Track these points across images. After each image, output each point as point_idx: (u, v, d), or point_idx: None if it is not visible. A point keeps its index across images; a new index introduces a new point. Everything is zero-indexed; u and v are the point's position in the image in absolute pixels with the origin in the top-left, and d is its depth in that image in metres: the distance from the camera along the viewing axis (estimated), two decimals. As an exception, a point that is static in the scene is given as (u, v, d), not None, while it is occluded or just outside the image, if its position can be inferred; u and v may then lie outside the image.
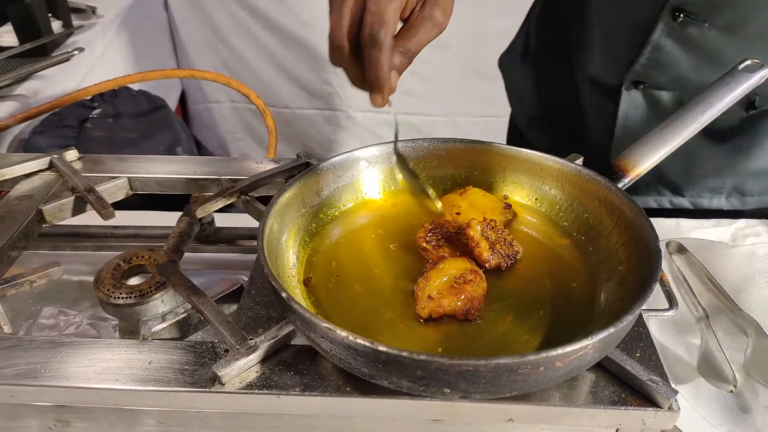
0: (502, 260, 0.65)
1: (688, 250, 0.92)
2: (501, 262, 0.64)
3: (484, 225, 0.65)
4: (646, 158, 0.68)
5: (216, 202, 0.73)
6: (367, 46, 0.56)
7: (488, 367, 0.46)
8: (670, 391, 0.51)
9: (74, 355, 0.56)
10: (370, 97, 0.59)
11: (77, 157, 0.86)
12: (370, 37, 0.55)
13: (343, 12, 0.56)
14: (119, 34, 1.89)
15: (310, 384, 0.53)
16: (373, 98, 0.59)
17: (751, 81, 0.69)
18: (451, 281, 0.60)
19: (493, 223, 0.67)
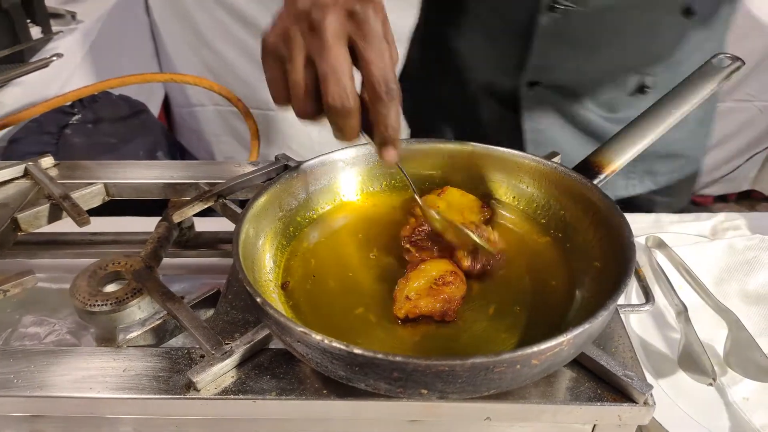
0: (487, 260, 0.64)
1: (668, 244, 0.93)
2: (486, 263, 0.64)
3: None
4: (621, 154, 0.69)
5: (193, 206, 0.73)
6: (383, 103, 0.54)
7: (464, 367, 0.46)
8: (645, 386, 0.51)
9: (48, 364, 0.55)
10: (383, 153, 0.57)
11: (53, 164, 0.85)
12: (387, 93, 0.53)
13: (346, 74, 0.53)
14: (100, 39, 1.87)
15: (287, 388, 0.53)
16: (388, 153, 0.57)
17: (724, 74, 0.69)
18: (430, 282, 0.60)
19: (472, 226, 0.66)
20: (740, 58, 0.71)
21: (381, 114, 0.54)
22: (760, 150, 2.53)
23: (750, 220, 1.04)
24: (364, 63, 0.53)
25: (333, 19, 0.52)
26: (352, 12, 0.52)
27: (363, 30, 0.52)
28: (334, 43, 0.52)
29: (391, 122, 0.55)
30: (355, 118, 0.55)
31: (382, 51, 0.53)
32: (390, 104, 0.54)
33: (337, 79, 0.52)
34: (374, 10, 0.52)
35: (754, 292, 0.87)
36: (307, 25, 0.53)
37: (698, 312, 0.83)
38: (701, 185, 2.67)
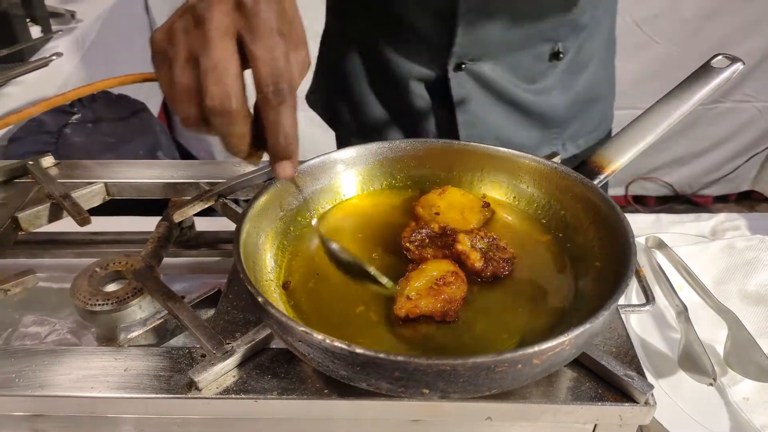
0: (500, 266, 0.64)
1: (668, 244, 0.93)
2: (498, 269, 0.64)
3: (472, 236, 0.65)
4: (621, 155, 0.69)
5: (194, 206, 0.73)
6: (271, 106, 0.48)
7: (466, 366, 0.46)
8: (646, 385, 0.51)
9: (50, 363, 0.55)
10: (276, 168, 0.51)
11: (53, 163, 0.85)
12: (275, 94, 0.47)
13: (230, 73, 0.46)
14: (99, 39, 1.87)
15: (288, 387, 0.53)
16: (282, 168, 0.51)
17: (723, 76, 0.69)
18: (431, 282, 0.60)
19: (482, 233, 0.66)
20: (739, 59, 0.71)
21: (270, 120, 0.48)
22: (759, 150, 2.53)
23: (750, 221, 1.04)
24: (251, 60, 0.47)
25: (218, 11, 0.46)
26: (240, 3, 0.46)
27: (252, 23, 0.46)
28: (217, 38, 0.46)
29: (283, 130, 0.49)
30: (241, 123, 0.48)
31: (272, 46, 0.46)
32: (280, 108, 0.48)
33: (218, 78, 0.46)
34: (266, 2, 0.47)
35: (754, 292, 0.88)
36: (192, 19, 0.47)
37: (698, 312, 0.83)
38: (701, 185, 2.68)
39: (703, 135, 2.52)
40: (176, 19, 0.48)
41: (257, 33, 0.46)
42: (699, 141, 2.54)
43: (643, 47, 2.32)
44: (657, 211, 2.15)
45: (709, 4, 2.21)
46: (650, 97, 0.75)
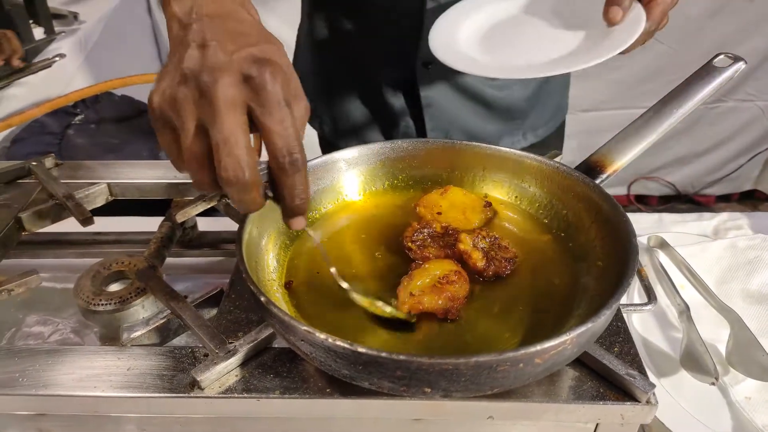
0: (502, 266, 0.64)
1: (670, 244, 0.93)
2: (500, 269, 0.64)
3: (474, 236, 0.66)
4: (623, 154, 0.69)
5: (196, 206, 0.73)
6: (287, 174, 0.49)
7: (468, 365, 0.46)
8: (648, 385, 0.51)
9: (53, 363, 0.56)
10: (290, 223, 0.53)
11: (56, 164, 0.85)
12: (291, 164, 0.49)
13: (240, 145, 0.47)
14: (102, 40, 1.88)
15: (290, 386, 0.53)
16: (296, 222, 0.53)
17: (725, 75, 0.69)
18: (434, 281, 0.60)
19: (484, 232, 0.67)
20: (741, 58, 0.71)
21: (286, 185, 0.50)
22: (762, 150, 2.53)
23: (752, 220, 1.04)
24: (263, 133, 0.48)
25: (226, 84, 0.46)
26: (248, 77, 0.47)
27: (260, 97, 0.47)
28: (227, 112, 0.46)
29: (297, 192, 0.51)
30: (254, 191, 0.49)
31: (282, 119, 0.48)
32: (295, 176, 0.50)
33: (230, 151, 0.47)
34: (272, 73, 0.47)
35: (757, 291, 0.88)
36: (196, 89, 0.47)
37: (700, 311, 0.83)
38: (703, 185, 2.67)
39: (706, 134, 2.52)
40: (176, 86, 0.48)
41: (267, 107, 0.47)
42: (701, 140, 2.54)
43: (645, 46, 2.29)
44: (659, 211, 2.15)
45: (711, 4, 2.21)
46: (652, 96, 0.75)
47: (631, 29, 0.76)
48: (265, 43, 0.50)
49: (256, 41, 0.49)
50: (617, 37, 0.76)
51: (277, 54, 0.50)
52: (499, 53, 0.84)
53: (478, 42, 0.87)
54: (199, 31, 0.49)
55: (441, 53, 0.82)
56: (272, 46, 0.50)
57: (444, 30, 0.88)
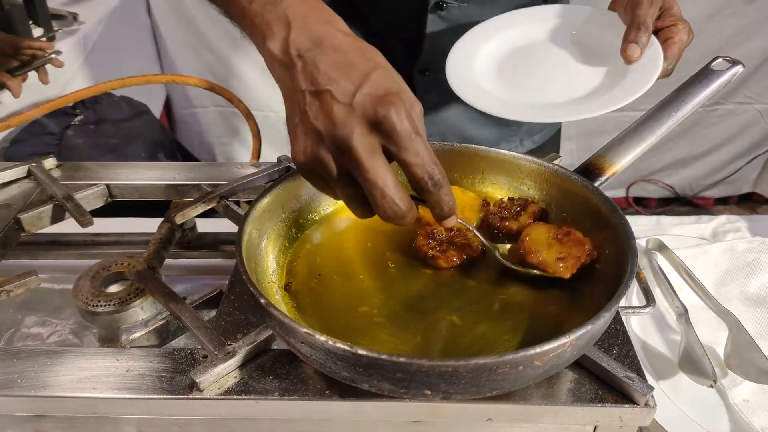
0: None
1: (668, 246, 0.93)
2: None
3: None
4: (622, 156, 0.69)
5: (196, 207, 0.73)
6: (432, 193, 0.53)
7: (468, 368, 0.46)
8: (646, 387, 0.51)
9: (52, 364, 0.56)
10: (442, 224, 0.57)
11: (56, 165, 0.85)
12: (435, 185, 0.53)
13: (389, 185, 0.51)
14: (101, 41, 1.88)
15: (290, 388, 0.53)
16: (448, 223, 0.57)
17: (723, 78, 0.69)
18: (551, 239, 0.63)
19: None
20: (739, 61, 0.71)
21: (434, 201, 0.54)
22: (761, 152, 2.53)
23: (751, 223, 1.05)
24: (403, 167, 0.52)
25: (359, 136, 0.50)
26: (376, 123, 0.50)
27: (393, 139, 0.50)
28: (368, 159, 0.50)
29: (445, 203, 0.55)
30: (411, 215, 0.54)
31: (417, 150, 0.51)
32: (440, 192, 0.54)
33: (383, 194, 0.51)
34: (396, 110, 0.49)
35: (755, 294, 0.88)
36: (334, 147, 0.51)
37: (699, 314, 0.83)
38: (702, 187, 2.68)
39: (704, 137, 2.52)
40: (314, 146, 0.52)
41: (401, 145, 0.50)
42: (700, 143, 2.54)
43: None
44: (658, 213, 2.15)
45: (710, 6, 2.21)
46: (651, 99, 0.75)
47: (649, 68, 0.77)
48: (373, 70, 0.51)
49: (366, 72, 0.51)
50: (636, 78, 0.77)
51: (385, 77, 0.52)
52: (517, 87, 0.84)
53: (496, 72, 0.86)
54: (304, 71, 0.52)
55: (462, 90, 0.82)
56: (379, 71, 0.52)
57: (460, 62, 0.87)
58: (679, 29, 0.80)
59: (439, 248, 0.66)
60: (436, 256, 0.65)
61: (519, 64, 0.87)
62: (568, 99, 0.79)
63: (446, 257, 0.65)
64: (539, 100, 0.81)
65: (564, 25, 0.90)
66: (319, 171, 0.53)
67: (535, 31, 0.91)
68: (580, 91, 0.80)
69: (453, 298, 0.62)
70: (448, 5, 0.96)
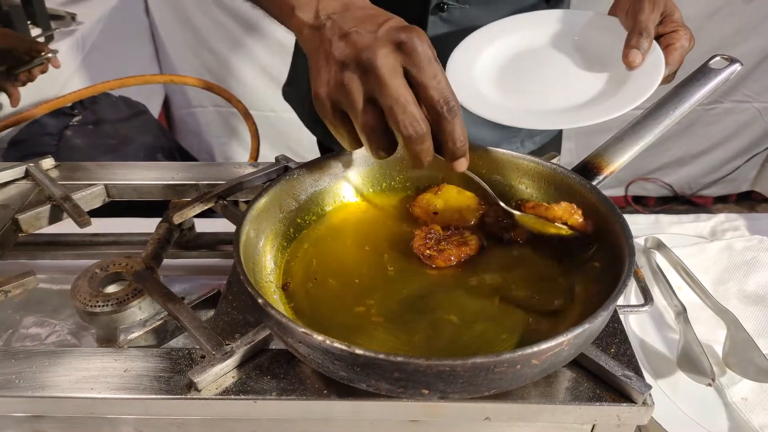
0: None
1: (667, 245, 0.93)
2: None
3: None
4: (620, 155, 0.69)
5: (194, 207, 0.73)
6: (447, 121, 0.56)
7: (465, 367, 0.46)
8: (644, 386, 0.51)
9: (50, 364, 0.56)
10: (453, 165, 0.59)
11: (54, 165, 0.85)
12: (449, 111, 0.55)
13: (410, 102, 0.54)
14: (100, 41, 1.88)
15: (288, 388, 0.53)
16: (459, 164, 0.59)
17: (721, 77, 0.69)
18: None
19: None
20: (737, 59, 0.71)
21: (447, 131, 0.56)
22: (759, 151, 2.53)
23: (749, 221, 1.05)
24: (421, 89, 0.55)
25: (383, 55, 0.53)
26: (400, 43, 0.53)
27: (414, 59, 0.54)
28: (391, 78, 0.53)
29: (458, 136, 0.57)
30: (429, 140, 0.56)
31: (435, 73, 0.54)
32: (454, 120, 0.56)
33: (404, 109, 0.54)
34: (419, 36, 0.54)
35: (753, 292, 0.88)
36: (358, 68, 0.54)
37: (697, 312, 0.83)
38: (701, 186, 2.68)
39: (703, 135, 2.52)
40: (338, 73, 0.55)
41: (421, 66, 0.54)
42: (699, 141, 2.54)
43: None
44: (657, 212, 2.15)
45: (709, 5, 2.21)
46: (649, 98, 0.75)
47: (651, 74, 0.77)
48: (393, 18, 0.56)
49: (388, 18, 0.56)
50: (637, 84, 0.76)
51: (404, 22, 0.56)
52: (518, 92, 0.83)
53: (496, 77, 0.86)
54: (333, 27, 0.56)
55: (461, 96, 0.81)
56: (398, 19, 0.56)
57: (460, 68, 0.86)
58: (681, 35, 0.80)
59: (437, 248, 0.66)
60: (433, 256, 0.65)
61: (520, 69, 0.87)
62: (569, 105, 0.79)
63: (444, 257, 0.65)
64: (540, 107, 0.80)
65: (565, 30, 0.90)
66: (340, 101, 0.56)
67: (536, 36, 0.90)
68: (581, 97, 0.80)
69: (451, 297, 0.62)
70: (450, 7, 0.97)
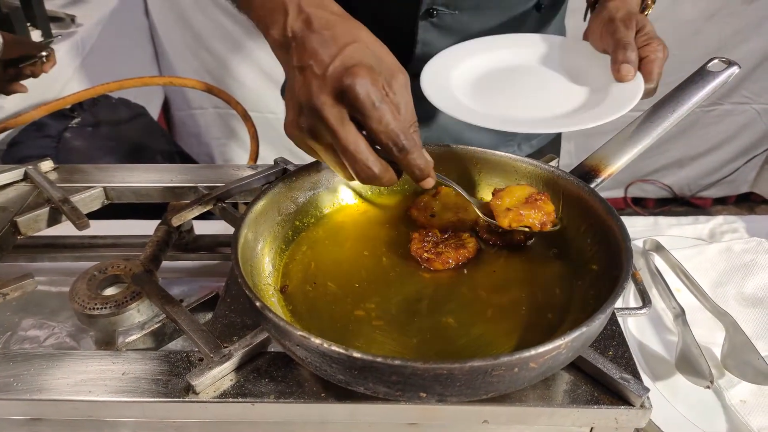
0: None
1: (665, 247, 0.93)
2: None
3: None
4: (618, 158, 0.69)
5: (192, 210, 0.73)
6: (401, 158, 0.57)
7: (463, 370, 0.46)
8: (642, 388, 0.51)
9: (48, 367, 0.56)
10: (421, 185, 0.60)
11: (52, 168, 0.85)
12: (400, 150, 0.56)
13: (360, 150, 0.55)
14: (99, 43, 1.88)
15: (286, 391, 0.53)
16: (426, 184, 0.60)
17: (719, 79, 0.69)
18: (524, 196, 0.65)
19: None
20: (735, 62, 0.71)
21: (405, 165, 0.58)
22: (759, 152, 2.53)
23: (748, 223, 1.05)
24: (371, 135, 0.55)
25: (328, 106, 0.54)
26: (342, 91, 0.53)
27: (358, 106, 0.53)
28: (339, 127, 0.54)
29: (417, 166, 0.58)
30: (386, 176, 0.58)
31: (380, 117, 0.54)
32: (408, 157, 0.56)
33: (354, 158, 0.55)
34: (360, 81, 0.53)
35: (752, 295, 0.88)
36: (311, 117, 0.55)
37: (696, 315, 0.83)
38: (700, 187, 2.68)
39: (702, 137, 2.52)
40: (297, 117, 0.57)
41: (365, 113, 0.54)
42: (698, 143, 2.54)
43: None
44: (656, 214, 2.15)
45: (708, 7, 2.21)
46: (648, 101, 0.75)
47: (632, 87, 0.78)
48: (349, 44, 0.55)
49: (342, 46, 0.55)
50: (620, 97, 0.77)
51: (359, 50, 0.56)
52: (493, 101, 0.84)
53: (472, 85, 0.86)
54: (296, 53, 0.57)
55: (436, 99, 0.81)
56: (355, 45, 0.56)
57: (437, 69, 0.87)
58: (655, 47, 0.81)
59: (434, 251, 0.66)
60: (431, 259, 0.65)
61: (496, 83, 0.87)
62: (547, 115, 0.79)
63: (441, 259, 0.65)
64: (515, 114, 0.81)
65: (542, 52, 0.91)
66: (304, 140, 0.58)
67: (513, 55, 0.91)
68: (559, 109, 0.80)
69: (449, 300, 0.62)
70: (440, 12, 0.97)
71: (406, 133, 0.56)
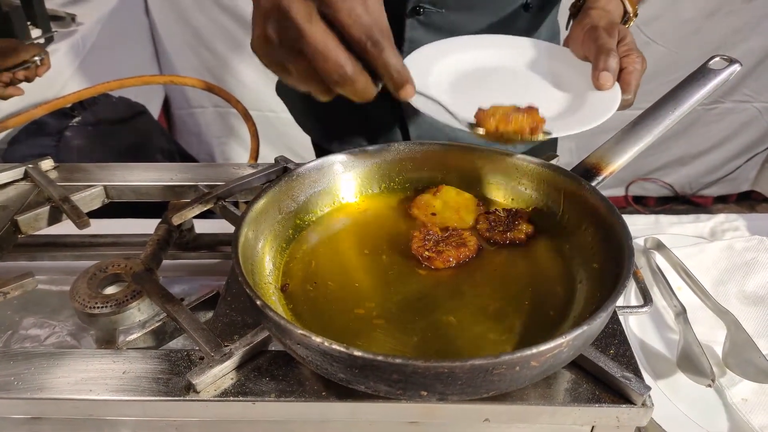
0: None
1: (666, 246, 0.93)
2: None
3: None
4: (619, 156, 0.69)
5: (193, 208, 0.73)
6: (374, 56, 0.54)
7: (464, 369, 0.46)
8: (643, 387, 0.51)
9: (48, 366, 0.56)
10: (399, 94, 0.57)
11: (53, 167, 0.85)
12: (374, 45, 0.53)
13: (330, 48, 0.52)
14: (100, 41, 1.88)
15: (286, 390, 0.53)
16: (404, 92, 0.57)
17: (720, 77, 0.69)
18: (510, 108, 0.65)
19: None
20: (737, 60, 0.71)
21: (379, 65, 0.54)
22: (760, 151, 2.53)
23: (749, 222, 1.04)
24: (342, 31, 0.52)
25: (295, 3, 0.51)
26: None
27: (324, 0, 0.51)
28: (306, 24, 0.51)
29: (392, 66, 0.54)
30: (361, 78, 0.54)
31: (352, 7, 0.52)
32: (383, 53, 0.53)
33: (324, 57, 0.52)
34: None
35: (753, 293, 0.88)
36: (277, 20, 0.53)
37: (697, 313, 0.83)
38: (701, 186, 2.68)
39: (703, 135, 2.52)
40: (263, 26, 0.54)
41: (333, 5, 0.51)
42: (699, 141, 2.54)
43: (642, 48, 2.30)
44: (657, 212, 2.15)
45: (708, 5, 2.21)
46: (649, 98, 0.75)
47: (610, 97, 0.78)
48: None
49: None
50: (597, 107, 0.77)
51: None
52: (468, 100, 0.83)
53: (449, 84, 0.85)
54: None
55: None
56: None
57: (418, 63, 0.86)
58: (634, 59, 0.81)
59: (435, 249, 0.66)
60: (431, 257, 0.65)
61: (475, 81, 0.87)
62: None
63: (442, 258, 0.65)
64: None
65: (526, 57, 0.91)
66: (273, 53, 0.55)
67: (494, 58, 0.90)
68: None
69: (449, 298, 0.62)
70: (426, 10, 0.97)
71: (380, 25, 0.53)
